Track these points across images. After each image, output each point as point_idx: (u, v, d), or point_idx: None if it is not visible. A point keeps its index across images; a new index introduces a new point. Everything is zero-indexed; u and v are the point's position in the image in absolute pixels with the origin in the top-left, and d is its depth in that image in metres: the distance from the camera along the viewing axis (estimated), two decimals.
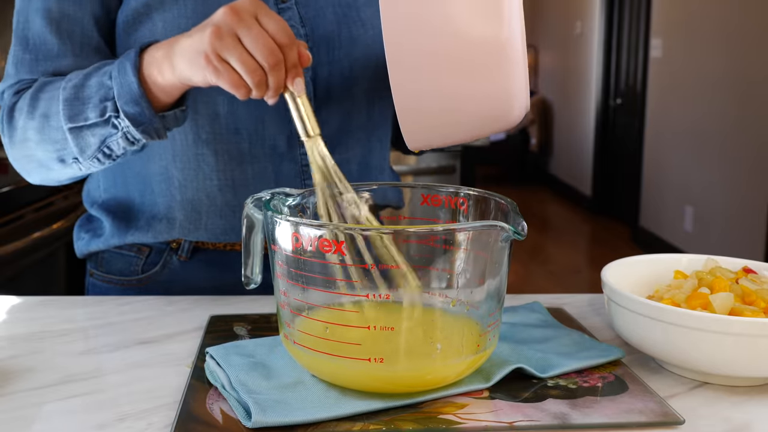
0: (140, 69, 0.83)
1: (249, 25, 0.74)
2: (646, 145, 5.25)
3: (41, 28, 0.92)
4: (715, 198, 4.27)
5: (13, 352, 0.80)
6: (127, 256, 1.03)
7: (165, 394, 0.70)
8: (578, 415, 0.65)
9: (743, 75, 3.97)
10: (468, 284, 0.69)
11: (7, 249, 1.93)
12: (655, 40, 5.05)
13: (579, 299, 0.99)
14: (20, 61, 0.94)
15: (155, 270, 1.02)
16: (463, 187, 0.79)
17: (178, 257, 1.01)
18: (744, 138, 3.97)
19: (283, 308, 0.70)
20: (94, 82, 0.86)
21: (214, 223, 0.99)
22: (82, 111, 0.86)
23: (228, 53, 0.75)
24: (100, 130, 0.86)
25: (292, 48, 0.76)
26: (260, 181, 0.99)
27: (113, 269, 1.04)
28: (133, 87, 0.83)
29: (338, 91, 1.02)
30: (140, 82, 0.83)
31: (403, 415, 0.65)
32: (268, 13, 0.76)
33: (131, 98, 0.83)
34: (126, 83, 0.83)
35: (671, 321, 0.70)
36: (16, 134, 0.92)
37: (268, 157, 0.99)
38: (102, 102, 0.85)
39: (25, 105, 0.90)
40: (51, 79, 0.91)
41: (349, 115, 1.03)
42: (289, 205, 0.76)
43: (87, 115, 0.85)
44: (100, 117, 0.85)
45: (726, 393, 0.72)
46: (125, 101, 0.83)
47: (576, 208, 6.67)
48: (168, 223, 0.99)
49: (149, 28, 0.93)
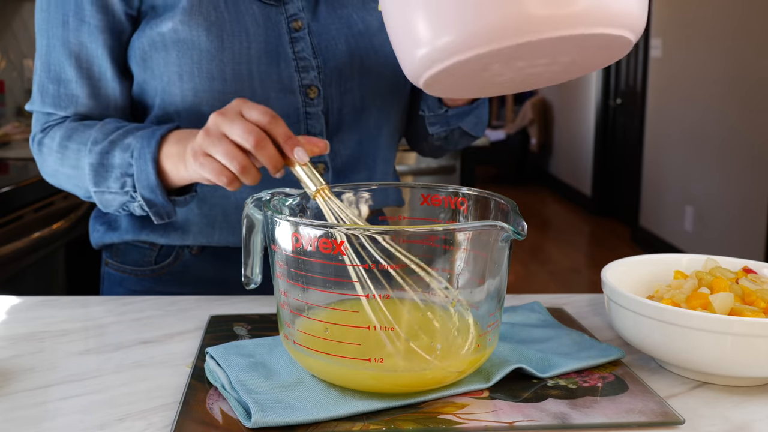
0: (159, 160, 0.89)
1: (231, 119, 0.79)
2: (646, 145, 5.25)
3: (62, 59, 0.97)
4: (715, 198, 4.27)
5: (14, 352, 0.80)
6: (142, 248, 1.05)
7: (165, 394, 0.70)
8: (578, 415, 0.65)
9: (743, 75, 3.97)
10: (468, 284, 0.69)
11: (7, 249, 1.93)
12: (655, 40, 5.05)
13: (579, 299, 0.99)
14: (45, 89, 0.99)
15: (168, 261, 1.05)
16: (463, 187, 0.79)
17: (189, 251, 1.04)
18: (744, 138, 3.97)
19: (283, 308, 0.70)
20: (118, 154, 0.92)
21: (226, 235, 1.02)
22: (105, 179, 0.93)
23: (212, 148, 0.80)
24: (120, 198, 0.94)
25: (276, 123, 0.79)
26: None
27: (128, 260, 1.06)
28: (151, 178, 0.89)
29: (350, 121, 1.03)
30: (157, 172, 0.89)
31: (403, 415, 0.65)
32: (250, 105, 0.80)
33: (148, 185, 0.90)
34: (144, 171, 0.90)
35: (671, 321, 0.70)
36: (46, 167, 1.01)
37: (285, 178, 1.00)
38: (123, 177, 0.92)
39: (54, 147, 0.97)
40: (77, 127, 0.97)
41: (359, 143, 1.04)
42: (289, 205, 0.76)
43: (109, 184, 0.93)
44: (120, 189, 0.93)
45: (726, 393, 0.72)
46: (142, 186, 0.91)
47: (576, 208, 6.67)
48: (183, 231, 1.02)
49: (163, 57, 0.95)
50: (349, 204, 0.81)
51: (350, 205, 0.81)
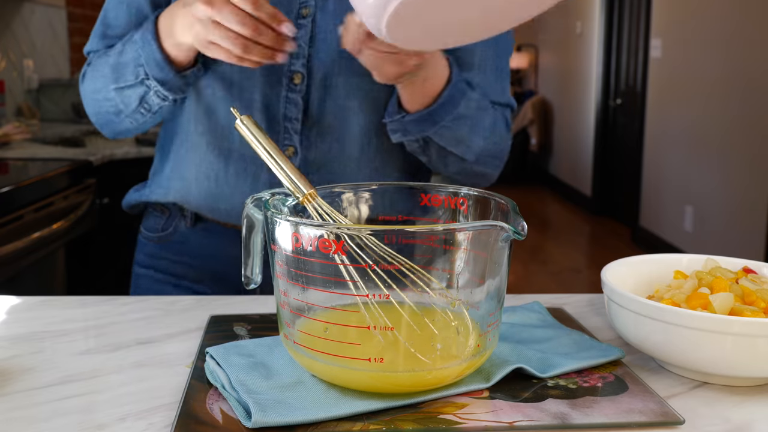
0: (159, 38, 0.99)
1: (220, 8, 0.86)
2: (646, 145, 5.25)
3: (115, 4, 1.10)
4: (715, 198, 4.27)
5: (13, 352, 0.80)
6: (154, 215, 1.18)
7: (165, 394, 0.70)
8: (578, 415, 0.65)
9: (743, 75, 3.97)
10: (468, 284, 0.69)
11: (7, 249, 1.93)
12: (655, 40, 5.05)
13: (579, 299, 0.99)
14: (96, 31, 1.12)
15: (169, 231, 1.16)
16: (463, 187, 0.79)
17: (185, 224, 1.14)
18: (744, 138, 3.97)
19: (283, 308, 0.70)
20: (129, 49, 1.03)
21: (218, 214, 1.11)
22: (123, 74, 1.04)
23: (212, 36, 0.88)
24: (137, 90, 1.04)
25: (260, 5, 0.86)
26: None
27: (147, 225, 1.19)
28: (157, 56, 1.00)
29: (330, 115, 1.05)
30: (161, 49, 0.99)
31: (403, 415, 0.65)
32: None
33: (156, 64, 1.00)
34: (151, 52, 1.00)
35: (671, 321, 0.70)
36: (86, 95, 1.12)
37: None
38: (136, 67, 1.02)
39: (89, 71, 1.10)
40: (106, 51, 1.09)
41: (336, 140, 1.06)
42: (289, 205, 0.76)
43: (126, 77, 1.03)
44: (135, 79, 1.03)
45: (726, 393, 0.72)
46: (151, 67, 1.00)
47: (576, 208, 6.67)
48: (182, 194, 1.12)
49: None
50: (349, 204, 0.81)
51: (350, 205, 0.81)
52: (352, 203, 0.81)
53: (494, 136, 1.09)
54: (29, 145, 2.84)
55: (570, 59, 7.19)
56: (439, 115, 1.01)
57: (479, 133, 1.06)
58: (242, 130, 0.77)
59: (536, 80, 8.50)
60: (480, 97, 1.06)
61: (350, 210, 0.81)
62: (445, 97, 1.00)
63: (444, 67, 1.00)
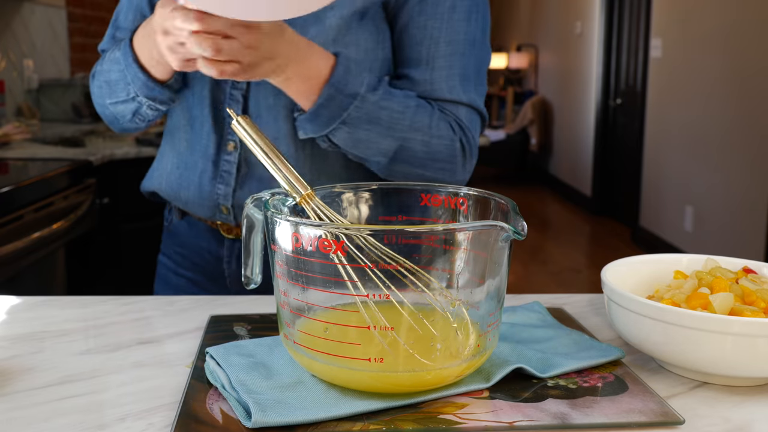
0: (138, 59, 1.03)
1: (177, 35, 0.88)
2: (646, 145, 5.25)
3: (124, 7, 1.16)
4: (715, 198, 4.27)
5: (13, 352, 0.80)
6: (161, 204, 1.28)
7: (165, 394, 0.70)
8: (578, 415, 0.65)
9: (743, 75, 3.97)
10: (468, 284, 0.69)
11: (7, 249, 1.93)
12: (655, 40, 5.05)
13: (579, 299, 0.99)
14: (108, 31, 1.17)
15: (169, 221, 1.24)
16: (463, 187, 0.79)
17: (176, 216, 1.21)
18: (744, 138, 3.97)
19: (283, 308, 0.70)
20: (115, 69, 1.07)
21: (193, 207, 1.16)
22: (115, 91, 1.09)
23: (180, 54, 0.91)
24: (130, 105, 1.09)
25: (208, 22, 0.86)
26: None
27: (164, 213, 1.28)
28: (141, 76, 1.03)
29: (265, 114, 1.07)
30: (143, 69, 1.03)
31: (403, 415, 0.65)
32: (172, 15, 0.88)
33: (143, 84, 1.04)
34: (134, 73, 1.03)
35: (671, 321, 0.70)
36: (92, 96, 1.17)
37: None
38: (126, 86, 1.06)
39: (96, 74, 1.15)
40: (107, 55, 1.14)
41: (277, 142, 1.06)
42: (289, 205, 0.76)
43: (119, 94, 1.08)
44: (127, 96, 1.07)
45: (726, 393, 0.72)
46: (139, 87, 1.04)
47: (576, 208, 6.67)
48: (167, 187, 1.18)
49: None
50: (348, 204, 0.81)
51: (350, 205, 0.81)
52: (352, 203, 0.81)
53: (432, 137, 1.01)
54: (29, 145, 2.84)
55: (570, 59, 7.19)
56: (324, 116, 0.98)
57: (393, 134, 1.00)
58: (238, 130, 0.76)
59: (536, 80, 8.50)
60: (401, 98, 1.01)
61: (350, 210, 0.81)
62: (323, 98, 0.96)
63: (320, 68, 0.96)
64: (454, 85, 1.04)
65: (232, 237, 1.13)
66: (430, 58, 1.04)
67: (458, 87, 1.04)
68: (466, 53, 1.05)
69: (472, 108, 1.06)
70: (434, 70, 1.04)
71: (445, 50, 1.04)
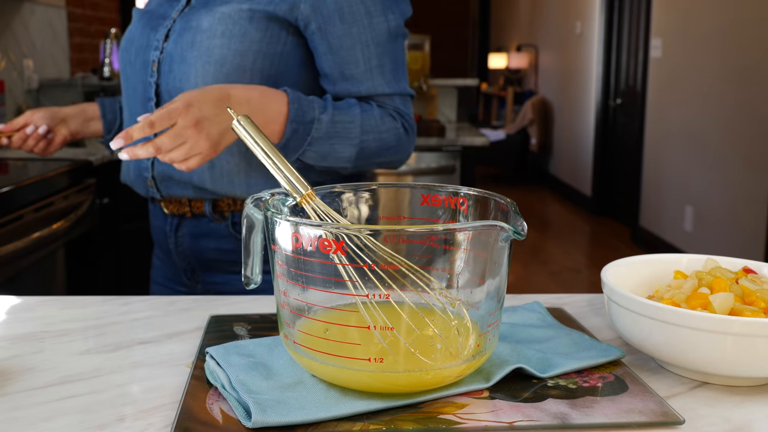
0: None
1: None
2: (646, 145, 5.25)
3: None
4: (715, 198, 4.27)
5: (13, 352, 0.80)
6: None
7: (165, 394, 0.70)
8: (578, 415, 0.65)
9: (743, 75, 3.97)
10: (468, 284, 0.69)
11: (7, 249, 1.93)
12: (655, 40, 5.05)
13: (579, 299, 0.99)
14: None
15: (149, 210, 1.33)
16: (463, 187, 0.79)
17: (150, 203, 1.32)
18: (744, 138, 3.97)
19: (283, 308, 0.70)
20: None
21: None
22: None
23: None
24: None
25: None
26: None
27: None
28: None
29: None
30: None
31: (403, 415, 0.65)
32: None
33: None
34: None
35: (671, 321, 0.70)
36: None
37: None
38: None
39: None
40: None
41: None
42: (289, 205, 0.75)
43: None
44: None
45: (726, 393, 0.72)
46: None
47: (576, 208, 6.67)
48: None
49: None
50: (349, 204, 0.81)
51: (350, 205, 0.81)
52: (352, 203, 0.81)
53: (381, 133, 1.17)
54: None
55: (570, 59, 7.18)
56: (292, 147, 1.10)
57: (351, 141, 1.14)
58: (238, 129, 0.76)
59: (536, 80, 8.50)
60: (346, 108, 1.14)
61: (350, 210, 0.81)
62: (289, 133, 1.09)
63: (278, 110, 1.08)
64: (388, 80, 1.18)
65: (169, 213, 1.24)
66: (365, 61, 1.16)
67: (392, 81, 1.19)
68: (390, 48, 1.18)
69: (404, 94, 1.21)
70: (371, 72, 1.17)
71: (375, 51, 1.16)
